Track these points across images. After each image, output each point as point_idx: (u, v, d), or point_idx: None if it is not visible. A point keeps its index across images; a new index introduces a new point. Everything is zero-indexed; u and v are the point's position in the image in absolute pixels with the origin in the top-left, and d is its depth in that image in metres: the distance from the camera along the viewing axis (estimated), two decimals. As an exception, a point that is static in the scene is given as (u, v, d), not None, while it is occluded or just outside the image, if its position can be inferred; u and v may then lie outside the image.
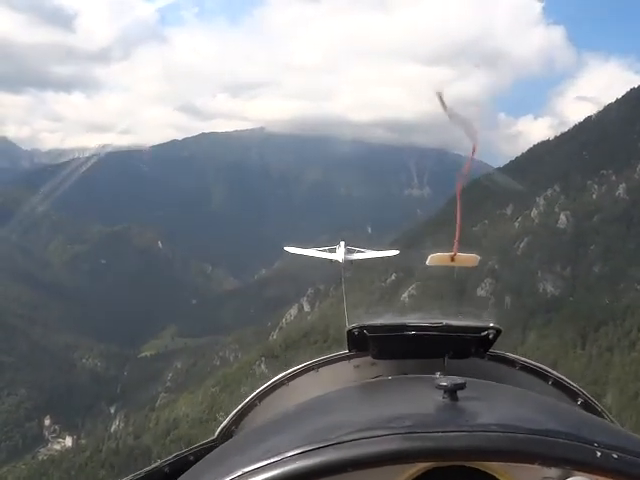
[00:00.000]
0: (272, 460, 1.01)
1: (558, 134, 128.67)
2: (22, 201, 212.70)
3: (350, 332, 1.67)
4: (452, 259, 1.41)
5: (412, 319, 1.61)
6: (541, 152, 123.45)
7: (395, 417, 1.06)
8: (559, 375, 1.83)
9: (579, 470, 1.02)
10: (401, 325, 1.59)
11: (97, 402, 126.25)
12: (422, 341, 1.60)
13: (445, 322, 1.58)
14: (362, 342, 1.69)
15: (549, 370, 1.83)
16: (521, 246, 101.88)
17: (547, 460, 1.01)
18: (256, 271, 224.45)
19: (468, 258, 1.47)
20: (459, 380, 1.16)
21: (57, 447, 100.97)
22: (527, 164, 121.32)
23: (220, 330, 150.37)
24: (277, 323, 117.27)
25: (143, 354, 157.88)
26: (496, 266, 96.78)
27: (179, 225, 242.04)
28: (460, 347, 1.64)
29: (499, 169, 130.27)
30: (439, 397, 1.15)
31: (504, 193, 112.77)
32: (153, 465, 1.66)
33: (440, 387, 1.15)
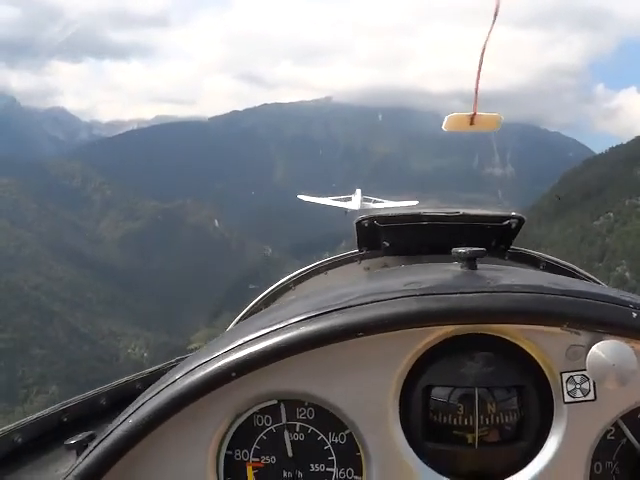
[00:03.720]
0: (275, 327, 0.97)
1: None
2: (75, 175, 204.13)
3: (359, 224, 1.58)
4: (472, 121, 1.29)
5: (427, 209, 1.54)
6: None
7: (409, 282, 1.01)
8: (588, 274, 1.77)
9: (612, 333, 0.93)
10: (415, 215, 1.53)
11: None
12: (437, 233, 1.53)
13: (462, 211, 1.51)
14: (373, 236, 1.60)
15: (577, 269, 1.76)
16: (663, 248, 77.80)
17: (577, 321, 0.94)
18: (320, 253, 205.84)
19: (489, 119, 1.32)
20: (478, 248, 1.10)
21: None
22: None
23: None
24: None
25: (193, 345, 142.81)
26: (627, 274, 76.17)
27: (237, 202, 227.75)
28: (479, 239, 1.53)
29: (618, 147, 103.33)
30: (457, 267, 1.11)
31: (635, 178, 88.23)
32: (154, 367, 1.66)
33: (458, 255, 1.10)
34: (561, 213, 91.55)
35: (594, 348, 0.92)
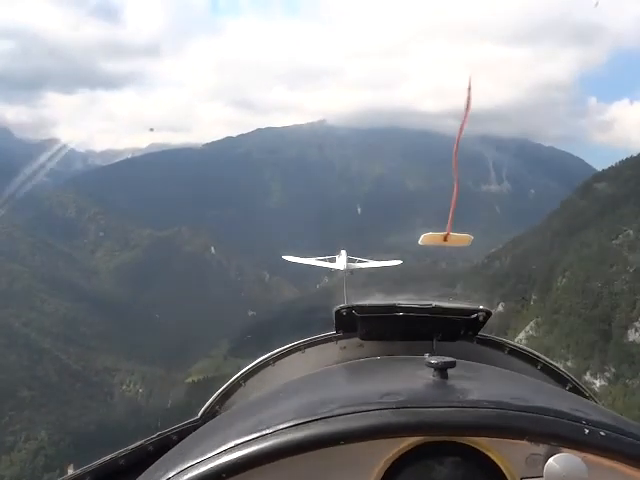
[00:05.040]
0: (264, 433, 1.02)
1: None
2: (69, 205, 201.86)
3: (338, 312, 1.67)
4: (445, 239, 1.38)
5: (401, 300, 1.62)
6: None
7: (386, 393, 1.08)
8: (548, 360, 1.84)
9: (567, 447, 1.02)
10: (390, 306, 1.60)
11: (133, 442, 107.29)
12: (411, 322, 1.60)
13: (434, 304, 1.58)
14: (350, 323, 1.69)
15: (538, 355, 1.84)
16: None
17: (535, 436, 1.02)
18: (319, 279, 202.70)
19: (461, 238, 1.42)
20: (449, 359, 1.17)
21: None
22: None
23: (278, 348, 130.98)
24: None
25: (190, 379, 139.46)
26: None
27: (234, 228, 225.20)
28: (449, 329, 1.64)
29: (628, 160, 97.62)
30: (429, 375, 1.17)
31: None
32: (136, 443, 1.65)
33: (430, 365, 1.17)
34: (575, 233, 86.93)
35: (550, 460, 1.02)
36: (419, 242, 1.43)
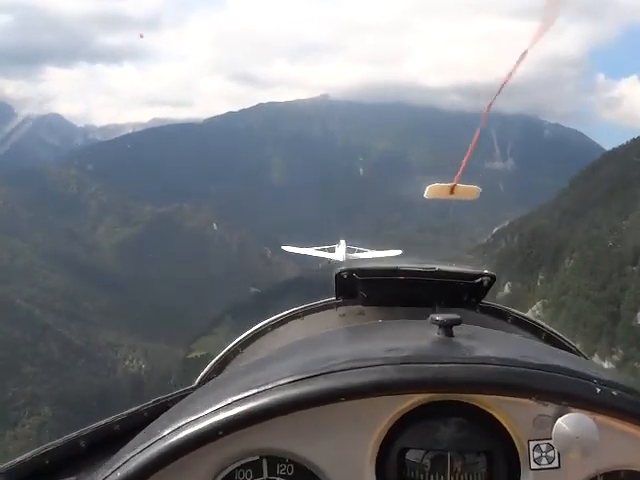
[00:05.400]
0: (262, 389, 1.00)
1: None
2: (70, 181, 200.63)
3: (339, 275, 1.63)
4: (452, 191, 1.32)
5: (404, 264, 1.58)
6: None
7: (389, 349, 1.04)
8: (553, 330, 1.82)
9: (577, 406, 0.97)
10: (392, 269, 1.57)
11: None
12: (413, 287, 1.58)
13: (437, 267, 1.55)
14: (351, 287, 1.66)
15: (542, 324, 1.82)
16: None
17: (545, 395, 0.97)
18: (321, 258, 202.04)
19: (469, 190, 1.37)
20: (454, 316, 1.14)
21: None
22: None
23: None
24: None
25: (193, 354, 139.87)
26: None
27: (235, 204, 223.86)
28: (452, 295, 1.61)
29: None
30: (434, 333, 1.14)
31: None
32: (132, 409, 1.64)
33: (435, 322, 1.14)
34: (584, 213, 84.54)
35: (559, 421, 0.97)
36: (424, 195, 1.38)
